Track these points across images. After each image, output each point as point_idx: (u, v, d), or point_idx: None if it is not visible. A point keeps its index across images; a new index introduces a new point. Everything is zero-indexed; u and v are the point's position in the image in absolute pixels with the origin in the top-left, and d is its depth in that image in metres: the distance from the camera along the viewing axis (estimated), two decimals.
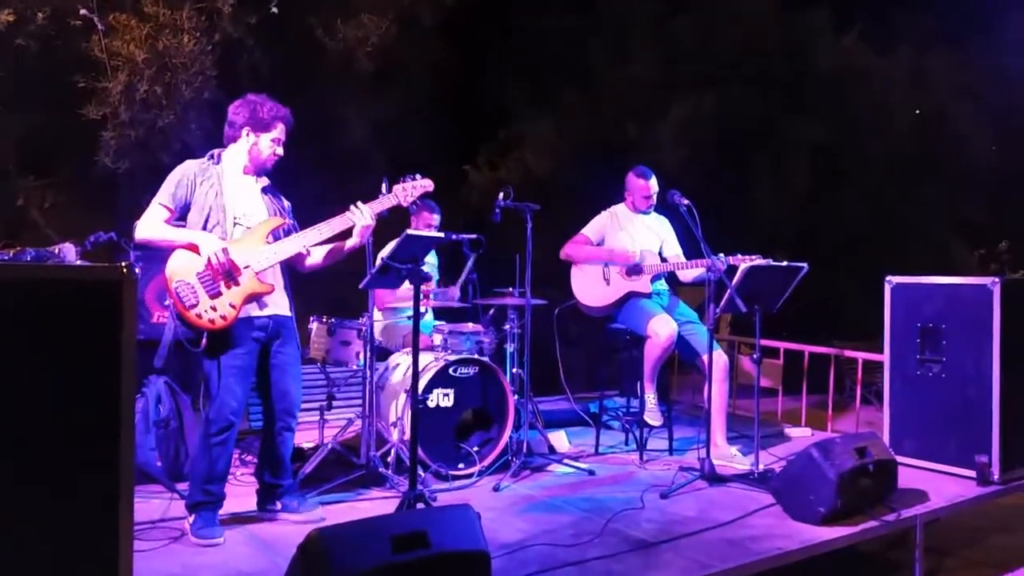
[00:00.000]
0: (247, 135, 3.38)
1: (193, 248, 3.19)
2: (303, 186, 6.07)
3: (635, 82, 8.28)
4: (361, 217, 3.42)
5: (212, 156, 3.40)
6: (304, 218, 3.56)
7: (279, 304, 3.40)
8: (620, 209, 4.85)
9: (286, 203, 3.58)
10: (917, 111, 9.04)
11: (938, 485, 4.16)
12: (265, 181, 3.49)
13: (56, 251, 2.22)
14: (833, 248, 8.81)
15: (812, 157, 8.59)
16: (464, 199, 8.24)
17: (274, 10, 5.00)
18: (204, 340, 3.17)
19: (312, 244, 3.41)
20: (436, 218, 5.08)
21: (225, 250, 3.19)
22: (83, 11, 4.55)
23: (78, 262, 2.28)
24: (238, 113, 3.39)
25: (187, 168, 3.34)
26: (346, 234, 3.47)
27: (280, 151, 3.45)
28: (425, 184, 3.57)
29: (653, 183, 4.73)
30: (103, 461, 1.88)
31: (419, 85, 6.98)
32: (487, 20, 8.12)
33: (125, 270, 1.91)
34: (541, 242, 4.54)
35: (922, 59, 8.96)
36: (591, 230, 4.79)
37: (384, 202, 3.52)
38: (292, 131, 3.47)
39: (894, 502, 3.79)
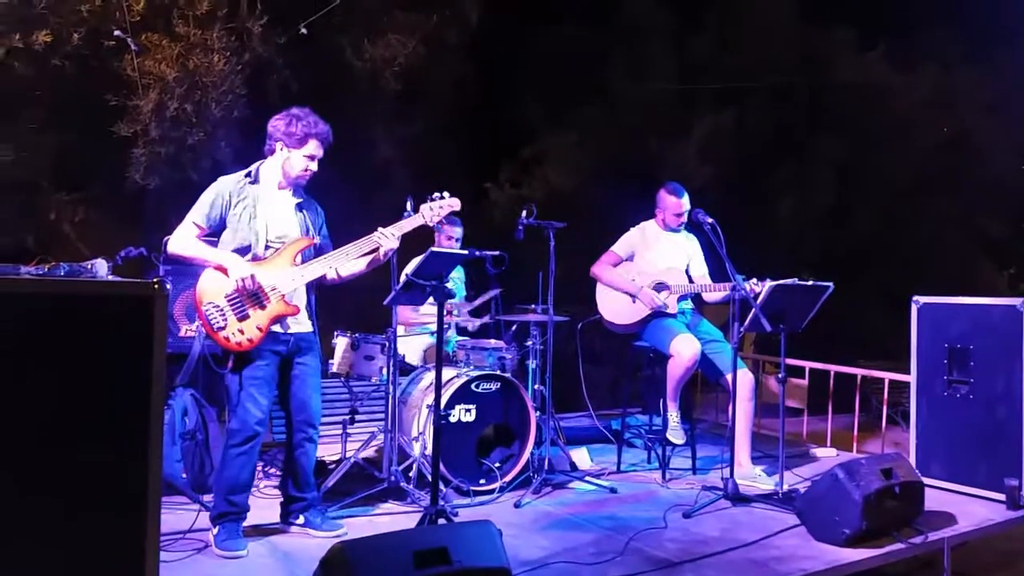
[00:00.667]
0: (280, 149, 3.40)
1: (222, 270, 3.23)
2: (332, 201, 6.16)
3: (657, 98, 8.30)
4: (388, 241, 3.42)
5: (249, 174, 3.41)
6: (332, 232, 3.59)
7: (302, 323, 3.44)
8: (650, 226, 4.82)
9: (320, 216, 3.59)
10: (944, 129, 8.97)
11: (966, 508, 4.11)
12: (301, 196, 3.51)
13: (89, 266, 2.27)
14: (856, 264, 8.75)
15: (835, 173, 8.55)
16: (486, 216, 8.28)
17: (303, 31, 5.07)
18: (231, 360, 3.21)
19: (338, 267, 3.44)
20: (459, 231, 5.11)
21: (253, 276, 3.22)
22: (117, 33, 4.65)
23: (110, 277, 2.32)
24: (276, 127, 3.41)
25: (222, 187, 3.35)
26: (371, 251, 3.50)
27: (313, 167, 3.44)
28: (452, 203, 3.55)
29: (685, 200, 4.67)
30: (131, 474, 1.91)
31: (443, 103, 7.04)
32: (509, 38, 8.18)
33: (157, 286, 1.96)
34: (564, 259, 4.55)
35: (946, 75, 8.90)
36: (621, 247, 4.75)
37: (410, 222, 3.52)
38: (329, 145, 3.46)
39: (921, 524, 3.74)
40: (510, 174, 8.69)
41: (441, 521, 3.10)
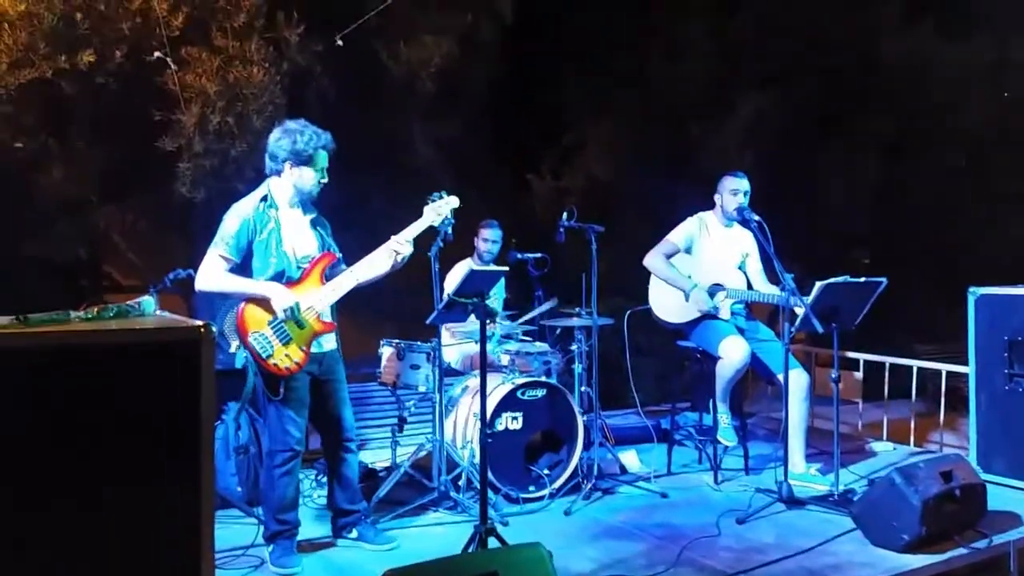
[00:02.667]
0: (290, 168, 3.34)
1: (265, 301, 3.23)
2: (374, 204, 6.21)
3: (697, 82, 8.12)
4: (404, 247, 3.41)
5: (265, 198, 3.34)
6: (380, 234, 3.56)
7: (330, 339, 3.45)
8: (709, 217, 4.69)
9: (328, 227, 3.56)
10: (1005, 94, 8.59)
11: None
12: (312, 212, 3.49)
13: (136, 305, 2.29)
14: (908, 245, 8.50)
15: (884, 152, 8.29)
16: (528, 208, 8.24)
17: (339, 43, 5.06)
18: (282, 388, 3.24)
19: (364, 278, 3.42)
20: (497, 233, 5.09)
21: (299, 303, 3.24)
22: (157, 54, 4.70)
23: (159, 312, 2.34)
24: (280, 146, 3.33)
25: (243, 214, 3.28)
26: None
27: (325, 180, 3.40)
28: (450, 201, 3.51)
29: (744, 181, 4.52)
30: (182, 513, 1.94)
31: (480, 100, 7.00)
32: (544, 28, 8.09)
33: (203, 329, 1.97)
34: (606, 252, 4.49)
35: (1001, 45, 8.53)
36: (679, 236, 4.61)
37: (417, 226, 3.49)
38: (334, 152, 3.41)
39: (984, 527, 3.64)
40: (551, 164, 8.63)
41: (491, 539, 3.10)
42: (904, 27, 8.26)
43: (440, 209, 3.51)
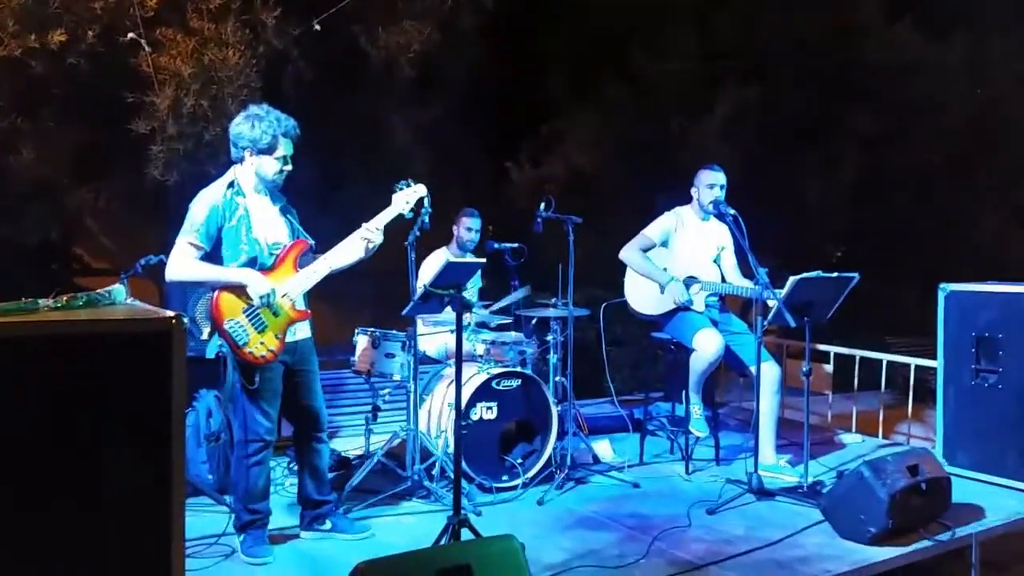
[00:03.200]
0: (250, 156, 3.26)
1: (241, 288, 3.19)
2: (351, 189, 6.15)
3: (678, 76, 8.13)
4: (375, 235, 3.38)
5: (232, 184, 3.28)
6: (355, 221, 3.52)
7: (304, 327, 3.42)
8: (685, 211, 4.70)
9: (296, 215, 3.50)
10: (978, 90, 8.68)
11: (995, 500, 4.07)
12: (281, 200, 3.43)
13: (107, 293, 2.26)
14: (884, 243, 8.60)
15: (864, 149, 8.36)
16: (506, 197, 8.23)
17: (316, 27, 4.99)
18: (257, 378, 3.22)
19: (336, 266, 3.39)
20: (476, 222, 5.09)
21: (275, 290, 3.21)
22: (131, 35, 4.61)
23: (129, 300, 2.32)
24: (239, 133, 3.25)
25: (211, 200, 3.21)
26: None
27: (289, 167, 3.32)
28: (418, 189, 3.49)
29: (721, 175, 4.53)
30: (153, 503, 1.93)
31: (460, 87, 6.96)
32: (528, 16, 8.06)
33: (174, 320, 1.95)
34: (584, 242, 4.49)
35: (979, 44, 8.62)
36: (654, 231, 4.62)
37: (386, 214, 3.46)
38: (299, 140, 3.32)
39: (948, 519, 3.71)
40: (530, 152, 8.62)
41: (464, 530, 3.11)
42: (884, 26, 8.32)
43: (408, 197, 3.48)
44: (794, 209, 8.04)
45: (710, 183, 4.53)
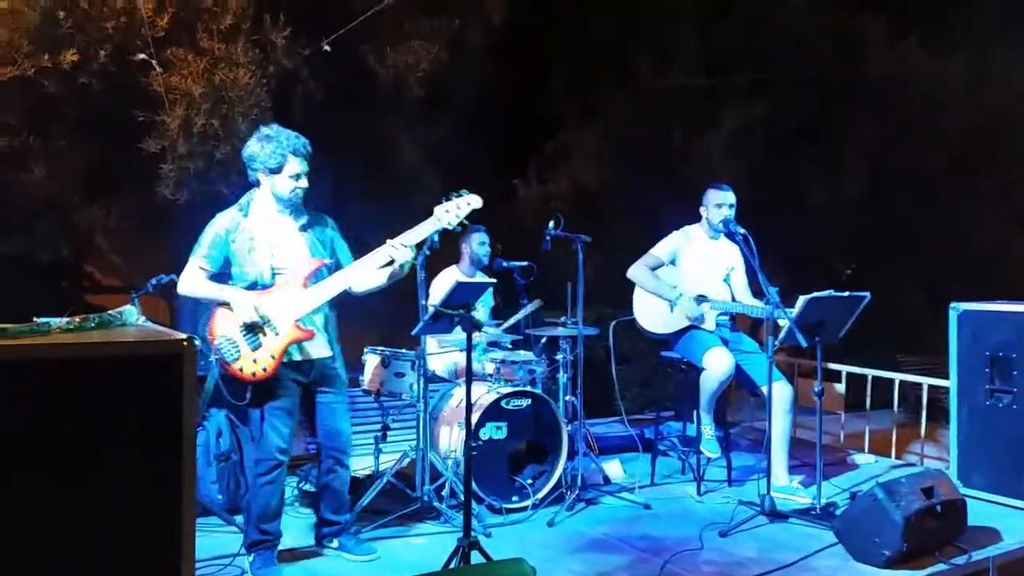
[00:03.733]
0: (264, 177, 3.32)
1: (227, 306, 3.24)
2: (361, 208, 6.16)
3: (683, 89, 8.15)
4: (399, 252, 3.30)
5: (241, 207, 3.36)
6: (364, 240, 3.52)
7: (320, 347, 3.40)
8: (694, 230, 4.68)
9: (329, 229, 3.49)
10: (980, 105, 8.70)
11: (1012, 523, 4.01)
12: (304, 216, 3.43)
13: (119, 314, 2.26)
14: (891, 257, 8.58)
15: (869, 162, 8.36)
16: (514, 215, 8.24)
17: (326, 48, 5.03)
18: (248, 393, 3.22)
19: (354, 284, 3.37)
20: (485, 236, 5.03)
21: (256, 308, 3.21)
22: (141, 55, 4.64)
23: (141, 320, 2.31)
24: (252, 155, 3.31)
25: (218, 226, 3.32)
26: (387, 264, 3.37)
27: (303, 184, 3.32)
28: (471, 201, 3.28)
29: (730, 194, 4.52)
30: (165, 537, 1.91)
31: (468, 105, 6.97)
32: (533, 34, 8.09)
33: (185, 343, 1.94)
34: (592, 259, 4.47)
35: (982, 59, 8.63)
36: (662, 250, 4.61)
37: (425, 228, 3.31)
38: (311, 156, 3.34)
39: (964, 543, 3.66)
40: (537, 170, 8.63)
41: (474, 552, 3.08)
42: (889, 40, 8.34)
43: (456, 209, 3.27)
44: (802, 223, 8.03)
45: (718, 203, 4.52)
